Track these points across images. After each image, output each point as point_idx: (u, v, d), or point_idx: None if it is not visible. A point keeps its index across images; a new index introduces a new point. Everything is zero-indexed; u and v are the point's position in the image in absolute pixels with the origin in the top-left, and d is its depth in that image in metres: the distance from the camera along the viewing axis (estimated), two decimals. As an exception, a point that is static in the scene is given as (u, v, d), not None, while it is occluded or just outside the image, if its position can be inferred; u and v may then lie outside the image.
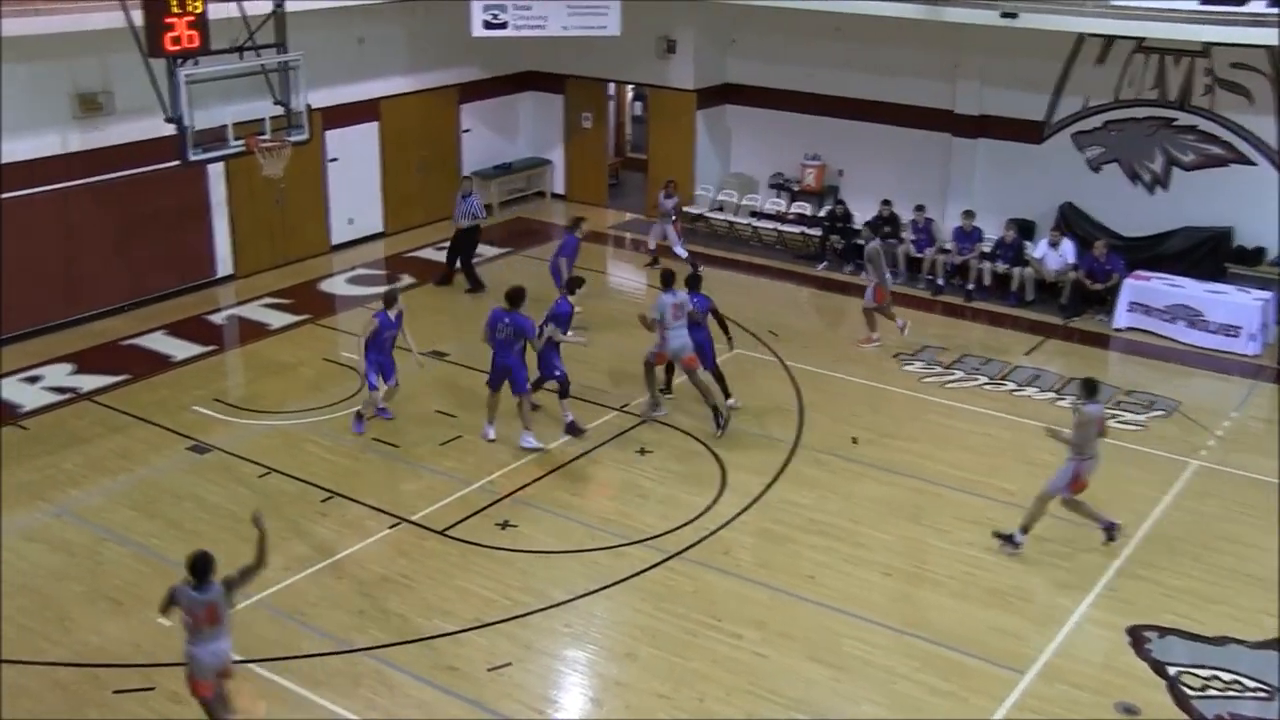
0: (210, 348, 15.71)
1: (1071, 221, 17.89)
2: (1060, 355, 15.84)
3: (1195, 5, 15.51)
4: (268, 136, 14.47)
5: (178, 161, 13.88)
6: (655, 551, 10.95)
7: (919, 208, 18.37)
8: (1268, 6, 14.97)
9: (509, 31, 18.89)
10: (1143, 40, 16.97)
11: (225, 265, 17.94)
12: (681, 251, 18.48)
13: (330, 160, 19.07)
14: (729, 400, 13.60)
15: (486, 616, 9.95)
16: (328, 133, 18.66)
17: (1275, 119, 16.46)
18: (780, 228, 20.09)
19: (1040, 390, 14.51)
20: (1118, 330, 16.51)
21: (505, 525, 11.38)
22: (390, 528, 11.33)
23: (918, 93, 19.07)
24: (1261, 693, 9.18)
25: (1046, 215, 18.18)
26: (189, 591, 7.85)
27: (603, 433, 13.23)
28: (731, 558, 10.90)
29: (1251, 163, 16.78)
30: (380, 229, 20.26)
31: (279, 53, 14.42)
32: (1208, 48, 16.52)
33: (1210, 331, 15.91)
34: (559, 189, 22.86)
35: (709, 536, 11.22)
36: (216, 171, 17.25)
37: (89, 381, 14.47)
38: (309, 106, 14.93)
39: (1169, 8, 15.60)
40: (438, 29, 20.08)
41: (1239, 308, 15.84)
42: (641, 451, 12.86)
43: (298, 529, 11.24)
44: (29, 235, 15.37)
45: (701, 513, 11.64)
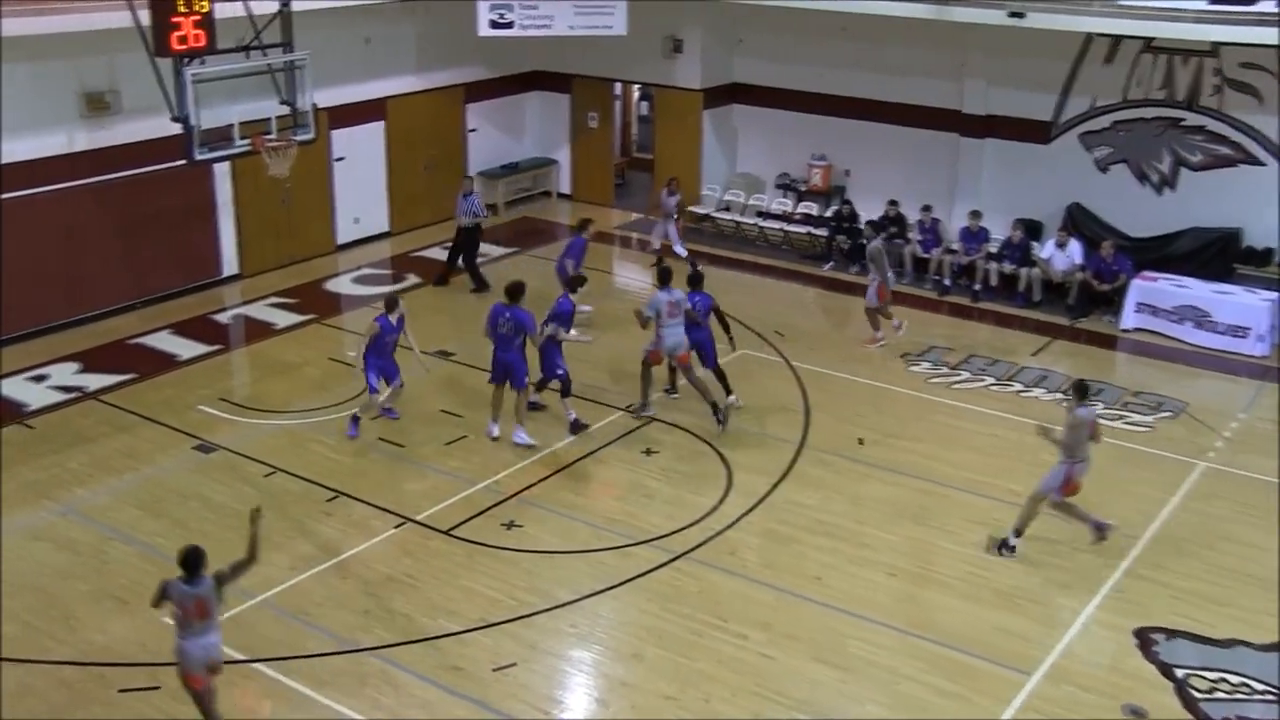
0: (216, 347, 15.72)
1: (1079, 222, 17.84)
2: (1067, 356, 15.79)
3: (1204, 5, 15.44)
4: (274, 136, 14.47)
5: (184, 160, 13.93)
6: (661, 552, 10.94)
7: (925, 208, 18.33)
8: (1277, 6, 14.90)
9: (515, 31, 18.88)
10: (1151, 40, 16.92)
11: (231, 264, 17.96)
12: (681, 250, 18.45)
13: (336, 160, 19.07)
14: (730, 398, 13.57)
15: (492, 616, 9.93)
16: (334, 132, 18.64)
17: (1284, 119, 16.44)
18: (786, 228, 20.05)
19: (1047, 391, 14.45)
20: (1125, 331, 16.46)
21: (510, 525, 11.37)
22: (395, 527, 11.32)
23: (925, 93, 19.02)
24: (1270, 696, 9.14)
25: (1054, 216, 18.13)
26: (180, 585, 7.91)
27: (608, 433, 13.21)
28: (737, 558, 10.89)
29: (1260, 163, 16.72)
30: (386, 228, 20.27)
31: (285, 52, 14.42)
32: (1216, 47, 16.46)
33: (1218, 332, 15.86)
34: (565, 189, 22.84)
35: (715, 537, 11.20)
36: (222, 171, 17.27)
37: (95, 380, 14.48)
38: (315, 106, 14.91)
39: (1177, 7, 15.53)
40: (444, 28, 20.07)
41: (1247, 309, 15.79)
42: (647, 452, 12.84)
43: (303, 528, 11.24)
44: (35, 234, 15.39)
45: (707, 513, 11.62)
